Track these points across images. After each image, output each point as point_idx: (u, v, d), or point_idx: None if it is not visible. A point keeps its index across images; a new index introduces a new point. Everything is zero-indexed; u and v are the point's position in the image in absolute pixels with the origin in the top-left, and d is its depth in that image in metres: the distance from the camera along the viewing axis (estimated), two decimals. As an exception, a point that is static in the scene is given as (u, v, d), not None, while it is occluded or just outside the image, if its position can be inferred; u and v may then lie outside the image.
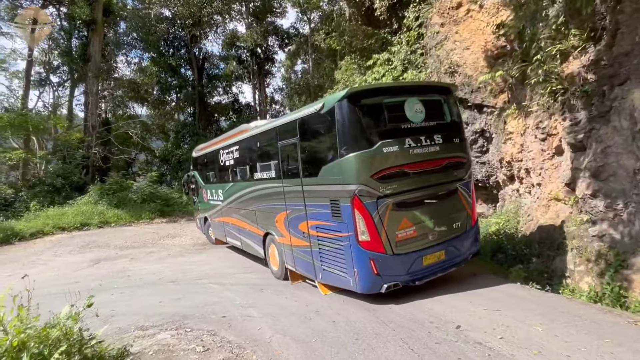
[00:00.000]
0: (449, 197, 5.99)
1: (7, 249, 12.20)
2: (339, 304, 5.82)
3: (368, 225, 5.18)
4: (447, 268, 5.90)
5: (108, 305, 7.00)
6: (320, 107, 5.63)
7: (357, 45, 17.05)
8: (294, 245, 6.70)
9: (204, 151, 12.03)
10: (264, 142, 7.77)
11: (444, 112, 6.15)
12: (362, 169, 5.19)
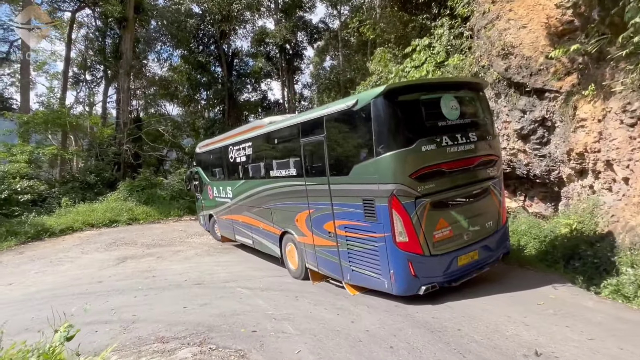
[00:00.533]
0: (482, 196, 5.89)
1: (37, 245, 12.09)
2: (390, 319, 4.93)
3: (406, 226, 5.04)
4: (480, 268, 5.79)
5: (130, 309, 6.52)
6: (353, 104, 5.40)
7: (393, 33, 15.98)
8: (317, 244, 6.55)
9: (209, 147, 11.65)
10: (283, 139, 7.51)
11: (477, 109, 6.05)
12: (401, 168, 5.03)
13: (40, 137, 22.06)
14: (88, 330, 5.73)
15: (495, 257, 6.02)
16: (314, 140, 6.30)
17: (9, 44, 27.24)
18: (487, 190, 5.95)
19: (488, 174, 6.00)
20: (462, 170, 5.57)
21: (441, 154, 5.30)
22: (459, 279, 5.50)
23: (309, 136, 6.45)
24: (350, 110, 5.48)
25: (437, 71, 11.80)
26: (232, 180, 9.88)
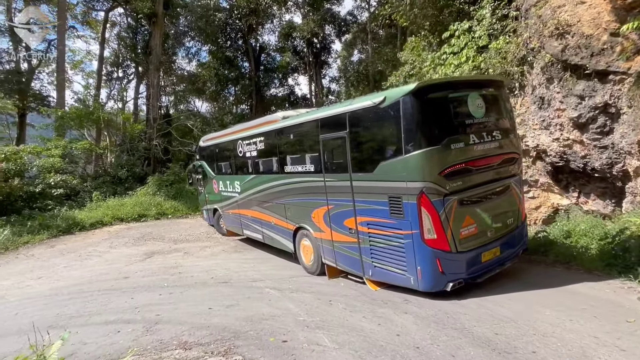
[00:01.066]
0: (505, 193, 5.95)
1: (68, 238, 12.17)
2: (443, 334, 4.28)
3: (435, 223, 5.06)
4: (502, 264, 5.85)
5: (154, 307, 6.22)
6: (380, 101, 5.34)
7: (428, 20, 15.06)
8: (336, 240, 6.54)
9: (214, 141, 11.44)
10: (299, 135, 7.45)
11: (500, 107, 6.14)
12: (431, 166, 5.03)
13: (76, 133, 22.66)
14: (110, 329, 5.47)
15: (515, 253, 6.10)
16: (335, 136, 6.24)
17: (46, 42, 28.23)
18: (509, 188, 6.04)
19: (510, 171, 6.10)
20: (487, 168, 5.64)
21: (468, 152, 5.34)
22: (483, 275, 5.56)
23: (329, 132, 6.40)
24: (376, 107, 5.41)
25: (478, 57, 10.88)
26: (240, 174, 9.74)
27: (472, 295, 5.47)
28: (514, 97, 9.92)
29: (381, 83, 21.70)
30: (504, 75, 9.79)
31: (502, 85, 6.45)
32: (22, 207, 13.99)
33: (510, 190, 6.05)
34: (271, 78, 35.02)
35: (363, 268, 6.10)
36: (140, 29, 26.38)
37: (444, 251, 5.12)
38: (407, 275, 5.33)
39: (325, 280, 6.89)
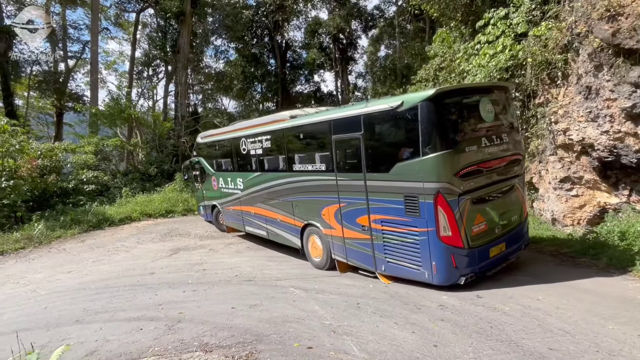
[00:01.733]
0: (510, 192, 6.30)
1: (97, 233, 12.41)
2: (487, 347, 3.85)
3: (450, 221, 5.28)
4: (507, 259, 6.16)
5: (177, 305, 6.11)
6: (397, 105, 5.50)
7: (460, 9, 14.35)
8: (347, 237, 6.73)
9: (214, 138, 11.48)
10: (310, 134, 7.62)
11: (507, 111, 6.49)
12: (447, 168, 5.25)
13: (109, 131, 23.34)
14: (133, 327, 5.37)
15: (518, 248, 6.41)
16: (349, 137, 6.37)
17: (81, 44, 29.29)
18: (514, 187, 6.38)
19: (515, 171, 6.42)
20: (496, 169, 5.94)
21: (480, 154, 5.64)
22: (491, 269, 5.88)
23: (342, 133, 6.52)
24: (394, 111, 5.57)
25: (515, 45, 10.20)
26: (243, 172, 9.78)
27: (514, 302, 5.00)
28: (556, 87, 9.20)
29: (409, 78, 21.06)
30: (541, 65, 9.16)
31: (508, 90, 6.90)
32: (56, 202, 14.44)
33: (515, 190, 6.43)
34: (297, 75, 34.89)
35: (375, 263, 6.32)
36: (169, 29, 26.83)
37: (457, 247, 5.37)
38: (422, 270, 5.58)
39: (352, 281, 6.56)
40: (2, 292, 7.66)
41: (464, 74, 13.17)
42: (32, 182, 13.81)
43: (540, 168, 9.93)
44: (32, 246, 11.03)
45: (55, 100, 26.75)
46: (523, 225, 6.58)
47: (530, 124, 10.24)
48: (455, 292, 5.48)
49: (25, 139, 15.15)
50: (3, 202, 12.20)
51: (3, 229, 11.77)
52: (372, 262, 6.36)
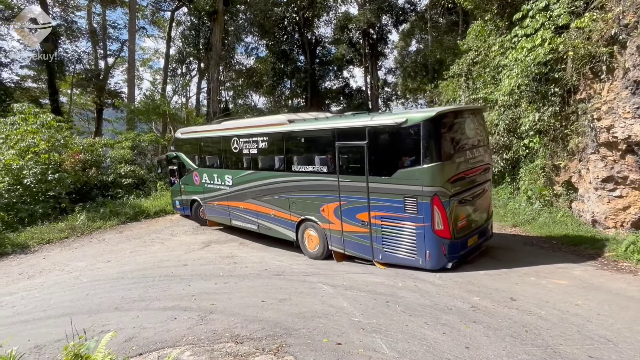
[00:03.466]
0: (482, 194, 7.58)
1: (134, 225, 12.94)
2: (523, 352, 3.73)
3: (443, 218, 6.38)
4: (479, 248, 7.55)
5: (209, 296, 6.30)
6: (402, 121, 6.48)
7: (496, 1, 13.83)
8: (346, 231, 7.68)
9: (198, 134, 11.96)
10: (312, 139, 8.43)
11: (482, 128, 7.86)
12: (442, 175, 6.35)
13: (145, 127, 24.20)
14: (168, 316, 5.58)
15: (485, 239, 7.82)
16: (354, 145, 7.28)
17: (120, 43, 30.49)
18: (485, 190, 7.68)
19: (486, 177, 7.78)
20: (474, 176, 7.19)
21: (465, 164, 6.87)
22: (470, 255, 7.19)
23: (346, 140, 7.41)
24: (398, 126, 6.54)
25: (556, 38, 9.71)
26: (234, 169, 10.30)
27: (550, 307, 4.82)
28: (599, 82, 8.72)
29: (441, 73, 20.56)
30: (584, 58, 8.81)
31: (482, 111, 8.77)
32: (97, 194, 15.15)
33: (485, 192, 7.71)
34: (326, 71, 34.82)
35: (373, 253, 7.34)
36: (202, 27, 27.44)
37: (447, 239, 6.52)
38: (417, 257, 6.67)
39: (380, 279, 6.53)
40: (50, 279, 8.17)
41: (499, 68, 12.72)
42: (75, 175, 14.55)
43: (581, 167, 9.46)
44: (75, 236, 11.66)
45: (95, 97, 28.05)
46: (489, 221, 7.98)
47: (570, 120, 9.77)
48: (488, 294, 5.35)
49: (69, 134, 16.00)
50: (49, 194, 12.96)
51: (49, 219, 12.51)
52: (369, 252, 7.39)
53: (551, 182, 10.77)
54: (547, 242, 8.44)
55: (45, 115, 14.30)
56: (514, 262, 7.15)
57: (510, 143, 12.46)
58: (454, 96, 15.93)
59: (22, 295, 7.24)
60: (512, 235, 9.36)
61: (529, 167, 11.57)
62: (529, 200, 11.40)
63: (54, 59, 23.29)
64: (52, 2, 25.80)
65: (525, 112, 11.11)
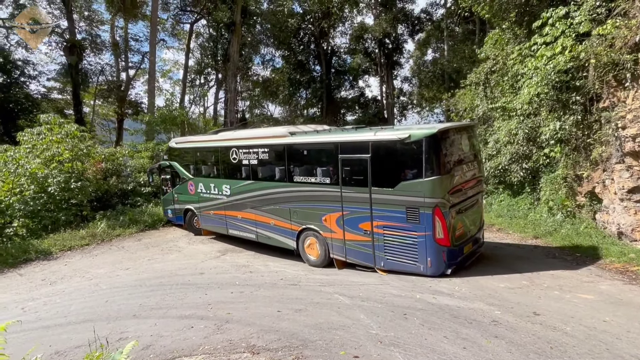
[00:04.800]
0: (476, 205, 8.07)
1: (152, 233, 13.13)
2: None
3: (443, 227, 6.74)
4: (474, 254, 7.92)
5: (225, 305, 6.32)
6: (405, 137, 6.88)
7: (514, 9, 13.69)
8: (348, 239, 7.97)
9: (194, 144, 12.13)
10: (314, 151, 8.74)
11: (475, 143, 8.43)
12: (443, 188, 6.75)
13: (164, 136, 24.69)
14: (184, 325, 5.61)
15: (479, 247, 8.27)
16: (357, 158, 7.58)
17: (141, 55, 31.39)
18: (478, 201, 8.20)
19: (479, 189, 8.27)
20: (469, 187, 7.64)
21: (462, 176, 7.37)
22: (466, 262, 7.53)
23: (350, 154, 7.73)
24: (401, 141, 6.94)
25: (577, 46, 9.53)
26: (232, 179, 10.45)
27: (576, 322, 4.64)
28: (624, 90, 8.50)
29: (458, 82, 20.36)
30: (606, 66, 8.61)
31: (475, 127, 9.71)
32: (117, 202, 15.47)
33: (478, 202, 8.22)
34: (342, 80, 34.96)
35: (375, 260, 7.65)
36: (220, 38, 28.03)
37: (446, 247, 6.87)
38: (418, 264, 7.02)
39: (398, 291, 6.43)
40: (71, 285, 8.34)
41: (518, 77, 12.54)
42: (97, 183, 14.92)
43: (605, 177, 9.18)
44: (96, 243, 11.91)
45: (116, 107, 28.84)
46: (481, 229, 8.44)
47: (593, 129, 9.52)
48: (509, 308, 5.19)
49: (91, 144, 16.44)
50: (72, 202, 13.30)
51: (71, 226, 12.83)
52: (371, 260, 7.70)
53: (573, 193, 10.48)
54: (570, 255, 8.18)
55: (70, 126, 14.75)
56: (536, 275, 6.95)
57: (530, 152, 12.21)
58: (472, 105, 15.76)
59: (44, 301, 7.40)
60: (534, 247, 9.11)
61: (550, 177, 11.29)
62: (551, 211, 11.11)
63: (78, 72, 24.13)
64: (78, 17, 26.83)
65: (545, 121, 10.89)
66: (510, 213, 12.20)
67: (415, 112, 36.08)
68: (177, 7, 30.61)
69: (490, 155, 13.74)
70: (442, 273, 6.94)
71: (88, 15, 27.95)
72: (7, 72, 23.38)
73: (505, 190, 13.67)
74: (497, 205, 13.38)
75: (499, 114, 13.88)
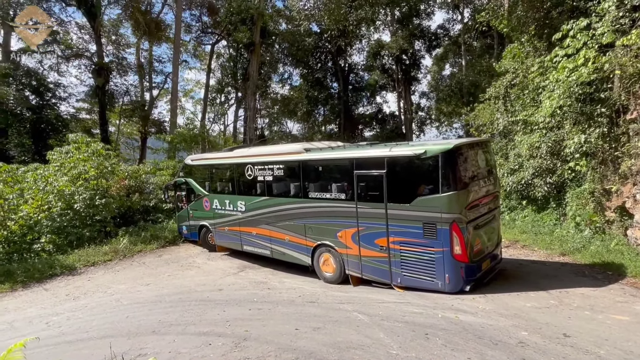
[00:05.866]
0: (493, 220, 7.97)
1: (172, 249, 13.28)
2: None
3: (461, 242, 6.66)
4: (493, 270, 7.79)
5: (243, 322, 6.29)
6: (421, 153, 6.90)
7: (532, 23, 13.58)
8: (364, 255, 7.90)
9: (209, 161, 12.32)
10: (329, 167, 8.94)
11: (491, 159, 8.37)
12: (460, 203, 6.71)
13: (185, 154, 25.30)
14: (203, 341, 5.60)
15: (497, 263, 8.13)
16: (373, 174, 7.58)
17: (164, 76, 32.57)
18: (495, 216, 8.10)
19: (496, 204, 8.22)
20: (486, 203, 7.60)
21: (479, 192, 7.31)
22: (484, 278, 7.40)
23: (365, 170, 7.73)
24: (417, 157, 6.98)
25: (600, 57, 9.33)
26: (247, 195, 10.54)
27: (610, 345, 4.38)
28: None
29: (476, 96, 20.17)
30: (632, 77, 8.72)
31: (490, 143, 9.55)
32: (139, 219, 15.79)
33: (495, 217, 8.13)
34: (359, 97, 35.24)
35: (391, 277, 7.56)
36: (240, 58, 28.85)
37: (465, 263, 6.78)
38: (436, 281, 6.92)
39: (419, 309, 6.26)
40: (93, 300, 8.48)
41: (539, 90, 12.32)
42: (120, 200, 15.29)
43: (635, 191, 8.81)
44: (118, 258, 12.13)
45: (140, 126, 29.82)
46: (499, 245, 8.33)
47: (621, 142, 9.20)
48: (537, 329, 4.96)
49: (116, 162, 16.95)
50: (96, 218, 13.66)
51: (95, 242, 13.12)
52: (388, 276, 7.60)
53: (602, 208, 10.07)
54: (601, 273, 7.81)
55: (96, 144, 15.28)
56: (564, 294, 6.65)
57: (554, 166, 11.88)
58: (492, 119, 15.54)
59: (67, 315, 7.54)
60: (561, 264, 8.75)
61: (577, 192, 10.92)
62: (578, 227, 10.69)
63: (105, 93, 25.17)
64: (106, 41, 28.16)
65: (569, 134, 10.61)
66: (535, 229, 11.79)
67: (434, 127, 35.89)
68: (198, 29, 31.88)
69: (512, 170, 13.43)
70: (461, 290, 6.83)
71: (115, 39, 29.31)
72: (40, 94, 24.58)
73: (529, 206, 13.26)
74: (520, 221, 12.97)
75: (520, 128, 13.62)
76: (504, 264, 8.43)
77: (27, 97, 24.12)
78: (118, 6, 27.74)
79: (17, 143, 23.38)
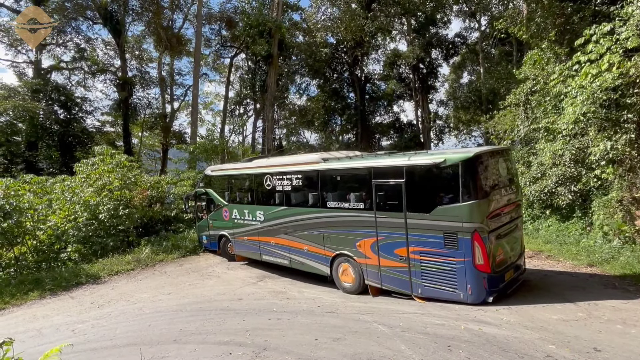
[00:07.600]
0: (515, 229, 7.80)
1: (193, 258, 13.46)
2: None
3: (483, 252, 6.55)
4: (516, 281, 7.62)
5: (263, 332, 6.30)
6: (440, 162, 6.80)
7: (552, 29, 13.38)
8: (383, 265, 7.82)
9: (229, 172, 12.46)
10: (348, 177, 8.89)
11: (512, 167, 8.22)
12: (481, 212, 6.60)
13: (205, 164, 25.80)
14: (223, 351, 5.64)
15: (520, 274, 7.89)
16: (392, 183, 7.55)
17: (184, 88, 33.44)
18: (517, 226, 7.93)
19: (518, 213, 8.07)
20: (508, 212, 7.44)
21: (500, 201, 7.17)
22: (508, 289, 7.23)
23: (384, 179, 7.70)
24: (436, 166, 6.88)
25: (625, 62, 9.09)
26: (265, 205, 10.61)
27: None
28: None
29: (495, 103, 19.90)
30: None
31: (511, 150, 9.59)
32: (160, 229, 16.14)
33: (518, 227, 7.96)
34: (376, 106, 35.31)
35: (412, 287, 7.44)
36: (258, 70, 29.40)
37: (487, 273, 6.66)
38: (458, 291, 6.80)
39: (441, 320, 6.15)
40: (116, 309, 8.66)
41: (561, 96, 12.06)
42: (142, 210, 15.66)
43: (667, 200, 8.47)
44: (140, 268, 12.38)
45: (162, 138, 30.59)
46: (522, 255, 8.08)
47: (650, 148, 8.90)
48: (566, 342, 4.79)
49: (138, 173, 17.41)
50: (119, 228, 14.03)
51: (118, 251, 13.46)
52: (408, 287, 7.49)
53: (631, 217, 9.71)
54: (632, 285, 7.50)
55: (120, 156, 15.76)
56: (593, 306, 6.41)
57: (579, 174, 11.55)
58: (512, 126, 15.28)
59: (92, 323, 7.72)
60: (589, 276, 8.45)
61: (603, 200, 10.57)
62: (606, 237, 10.32)
63: (128, 106, 26.01)
64: (130, 57, 29.19)
65: (594, 141, 10.32)
66: (560, 239, 11.44)
67: (453, 136, 35.55)
68: (218, 43, 32.72)
69: (535, 178, 13.12)
70: (484, 301, 6.68)
71: (138, 54, 30.35)
72: (68, 108, 25.60)
73: (552, 215, 12.90)
74: (544, 230, 12.62)
75: (542, 135, 13.34)
76: (527, 275, 8.19)
77: (56, 111, 25.20)
78: (141, 22, 28.81)
79: (46, 155, 24.37)
